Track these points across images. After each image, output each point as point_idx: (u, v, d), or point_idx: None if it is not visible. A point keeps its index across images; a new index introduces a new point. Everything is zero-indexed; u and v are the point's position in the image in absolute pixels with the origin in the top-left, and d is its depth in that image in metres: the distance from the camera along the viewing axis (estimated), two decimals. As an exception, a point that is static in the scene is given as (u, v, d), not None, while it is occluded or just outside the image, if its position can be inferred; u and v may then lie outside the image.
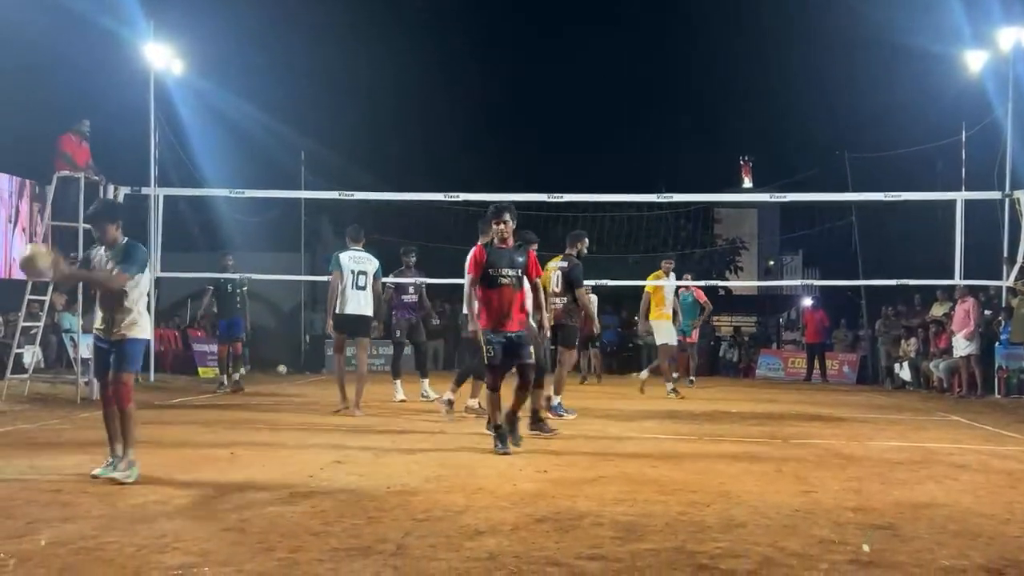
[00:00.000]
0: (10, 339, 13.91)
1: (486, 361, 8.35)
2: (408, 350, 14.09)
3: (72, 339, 14.93)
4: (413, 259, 14.04)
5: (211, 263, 15.83)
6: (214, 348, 17.41)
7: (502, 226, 8.40)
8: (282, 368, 7.73)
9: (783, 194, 19.16)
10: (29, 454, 7.74)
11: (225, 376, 15.25)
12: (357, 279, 11.35)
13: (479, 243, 8.75)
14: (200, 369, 18.96)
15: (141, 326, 6.76)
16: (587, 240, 11.54)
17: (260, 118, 25.49)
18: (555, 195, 15.30)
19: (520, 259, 8.53)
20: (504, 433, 8.20)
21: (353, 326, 11.39)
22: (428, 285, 14.40)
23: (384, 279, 12.42)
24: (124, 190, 13.81)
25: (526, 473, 7.01)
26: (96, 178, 13.72)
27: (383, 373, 16.58)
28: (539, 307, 8.94)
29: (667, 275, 15.28)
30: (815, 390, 19.23)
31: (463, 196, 16.22)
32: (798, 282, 37.85)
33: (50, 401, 12.51)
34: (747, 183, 65.23)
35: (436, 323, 16.42)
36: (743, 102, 72.69)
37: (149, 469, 6.70)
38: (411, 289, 13.76)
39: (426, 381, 13.68)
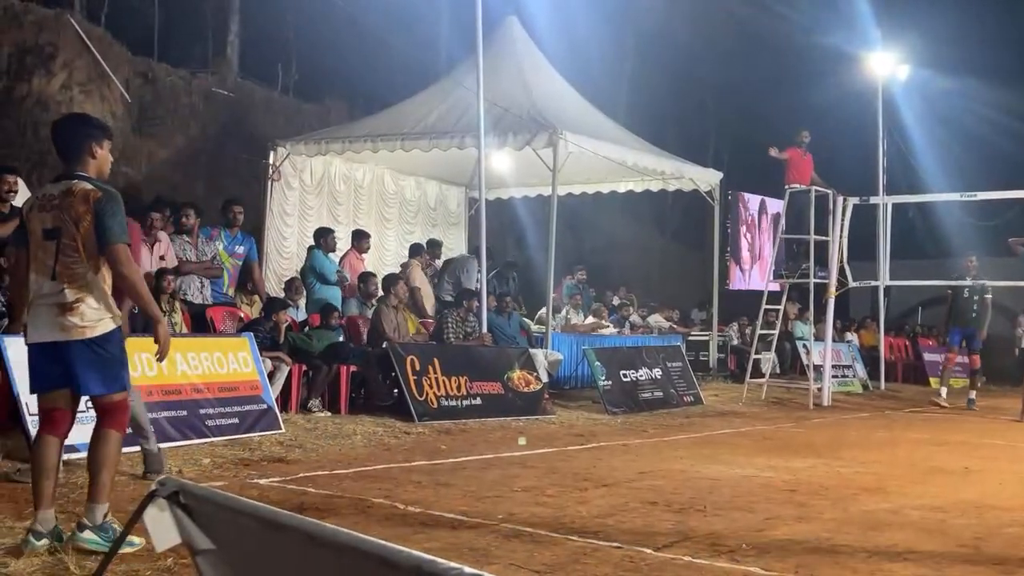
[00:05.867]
0: (748, 345, 15.01)
1: None
2: None
3: (805, 346, 15.56)
4: None
5: (941, 270, 15.21)
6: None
7: None
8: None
9: None
10: (766, 454, 8.29)
11: (945, 388, 14.19)
12: None
13: None
14: (931, 379, 18.43)
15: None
16: None
17: (991, 114, 23.93)
18: None
19: None
20: None
21: None
22: None
23: None
24: (853, 200, 14.01)
25: None
26: (825, 191, 14.05)
27: None
28: None
29: None
30: None
31: None
32: None
33: (785, 405, 13.23)
34: None
35: None
36: None
37: (872, 479, 6.72)
38: None
39: None
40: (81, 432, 6.58)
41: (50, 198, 4.47)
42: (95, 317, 4.40)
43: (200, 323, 9.51)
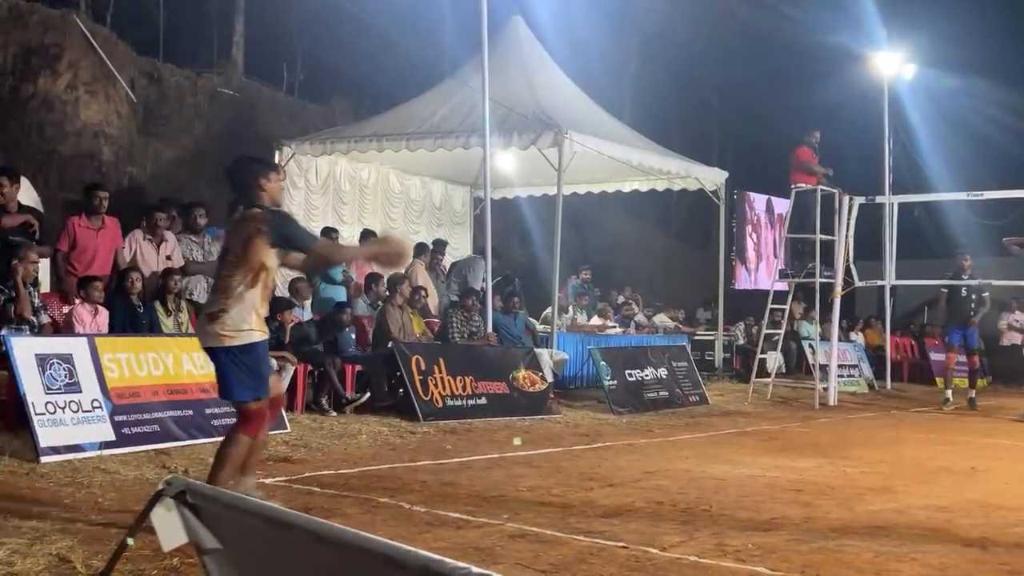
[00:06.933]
0: (754, 345, 15.00)
1: None
2: None
3: (811, 346, 15.54)
4: None
5: (947, 270, 15.16)
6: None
7: None
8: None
9: None
10: (772, 454, 8.28)
11: (951, 391, 14.12)
12: None
13: None
14: (937, 379, 18.40)
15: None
16: None
17: (997, 114, 23.88)
18: None
19: None
20: None
21: None
22: None
23: None
24: (859, 200, 13.97)
25: None
26: (832, 189, 14.01)
27: None
28: None
29: None
30: None
31: None
32: None
33: (791, 404, 13.21)
34: None
35: None
36: None
37: (879, 478, 6.71)
38: None
39: None
40: (84, 431, 6.62)
41: (228, 226, 5.11)
42: (235, 328, 4.77)
43: (206, 323, 9.50)
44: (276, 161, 13.15)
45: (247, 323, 4.77)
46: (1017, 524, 5.43)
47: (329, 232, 11.83)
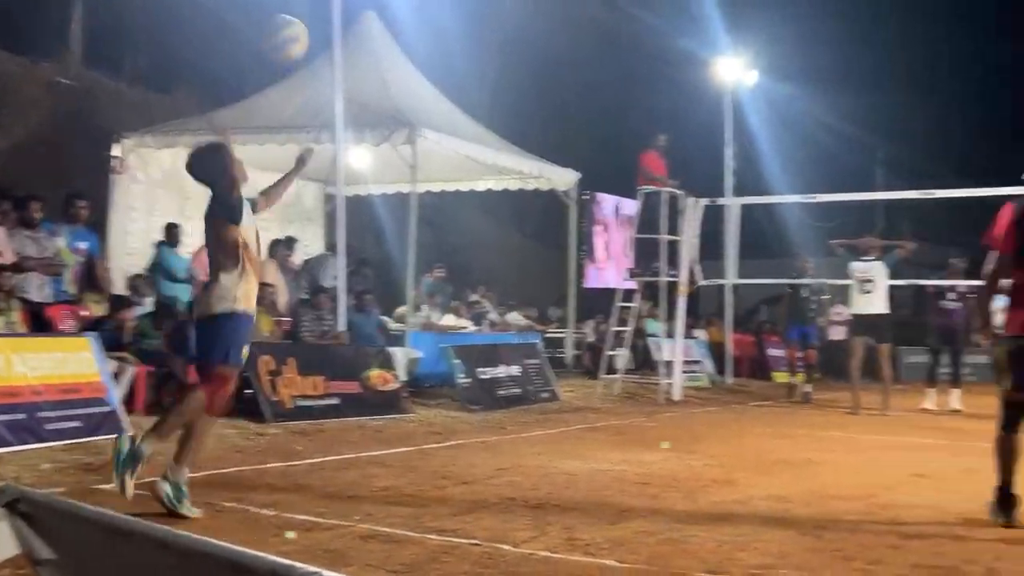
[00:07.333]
0: (603, 342, 15.30)
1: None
2: None
3: (657, 343, 15.95)
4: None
5: (785, 269, 15.87)
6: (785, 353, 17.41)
7: None
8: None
9: None
10: (620, 448, 8.48)
11: (796, 383, 14.94)
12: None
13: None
14: (774, 374, 19.19)
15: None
16: None
17: (830, 121, 25.12)
18: None
19: None
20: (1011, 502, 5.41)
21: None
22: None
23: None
24: (703, 202, 14.44)
25: None
26: (677, 192, 14.42)
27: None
28: None
29: None
30: None
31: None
32: None
33: (638, 399, 13.54)
34: None
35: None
36: None
37: (721, 470, 6.96)
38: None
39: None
40: None
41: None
42: (220, 298, 5.33)
43: (40, 322, 9.06)
44: (117, 155, 12.69)
45: (231, 295, 5.28)
46: (849, 512, 5.72)
47: (173, 229, 11.46)
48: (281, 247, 13.13)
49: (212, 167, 5.46)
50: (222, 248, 5.38)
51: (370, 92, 12.48)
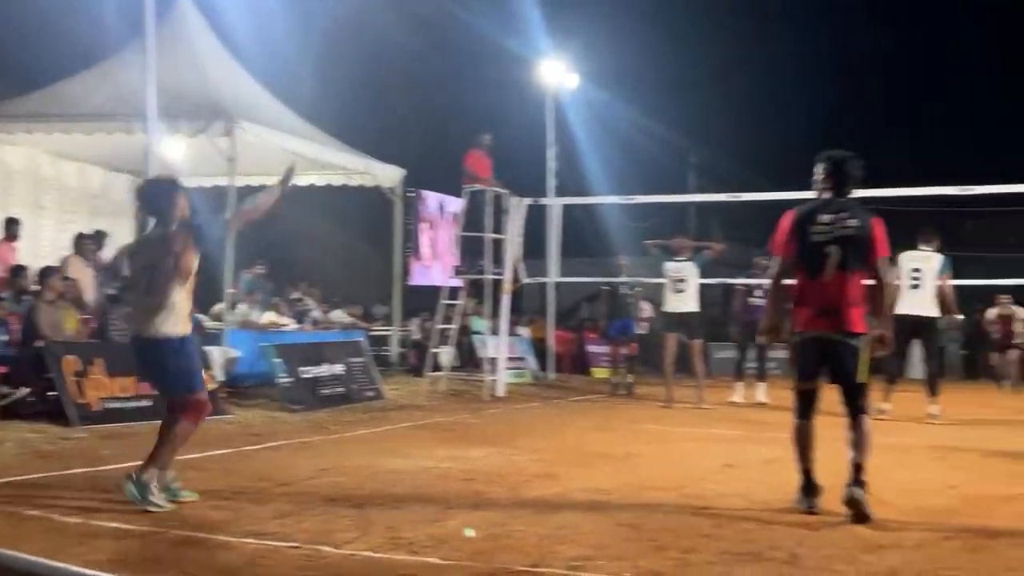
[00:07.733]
0: (429, 340, 15.30)
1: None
2: None
3: (481, 340, 16.09)
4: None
5: (605, 268, 16.31)
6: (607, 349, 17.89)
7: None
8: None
9: None
10: (446, 445, 8.49)
11: (619, 378, 15.45)
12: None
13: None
14: (593, 369, 19.68)
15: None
16: None
17: (647, 124, 25.96)
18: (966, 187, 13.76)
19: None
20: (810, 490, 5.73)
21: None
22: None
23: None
24: (526, 201, 14.64)
25: (934, 488, 6.56)
26: (502, 190, 14.57)
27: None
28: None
29: None
30: None
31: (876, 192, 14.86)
32: None
33: (463, 396, 13.61)
34: None
35: None
36: None
37: (543, 465, 7.08)
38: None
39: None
40: None
41: (144, 242, 6.14)
42: (176, 322, 5.62)
43: None
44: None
45: (182, 319, 5.57)
46: (665, 503, 5.92)
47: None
48: (88, 241, 12.49)
49: (163, 200, 5.82)
50: (180, 272, 5.59)
51: (185, 81, 12.03)
